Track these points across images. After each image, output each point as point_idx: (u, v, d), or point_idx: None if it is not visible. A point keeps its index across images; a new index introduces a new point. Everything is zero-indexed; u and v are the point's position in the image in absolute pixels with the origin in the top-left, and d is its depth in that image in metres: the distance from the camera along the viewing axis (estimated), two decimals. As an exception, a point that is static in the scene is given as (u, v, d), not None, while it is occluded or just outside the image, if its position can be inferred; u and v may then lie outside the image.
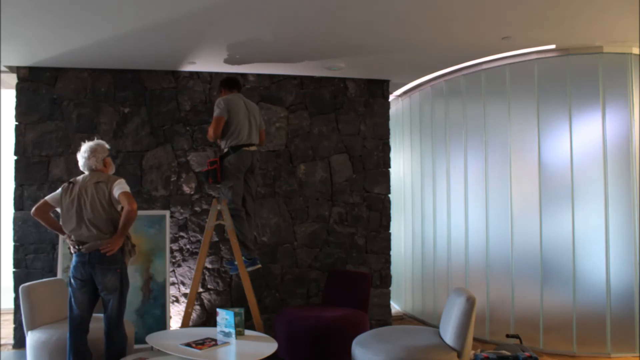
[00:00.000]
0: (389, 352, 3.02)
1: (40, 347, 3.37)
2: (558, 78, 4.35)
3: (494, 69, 4.66)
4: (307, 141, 5.02)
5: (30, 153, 4.54)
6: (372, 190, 5.15)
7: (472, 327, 3.04)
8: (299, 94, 5.03)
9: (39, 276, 4.37)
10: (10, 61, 4.39)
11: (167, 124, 4.76)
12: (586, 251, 4.21)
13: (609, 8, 3.38)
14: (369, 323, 4.14)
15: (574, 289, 4.21)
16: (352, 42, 4.00)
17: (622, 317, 4.12)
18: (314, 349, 3.81)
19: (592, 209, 4.20)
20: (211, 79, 4.85)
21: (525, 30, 3.81)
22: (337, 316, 3.90)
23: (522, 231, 4.46)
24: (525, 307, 4.42)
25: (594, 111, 4.27)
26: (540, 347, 4.31)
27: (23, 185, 4.52)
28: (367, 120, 5.16)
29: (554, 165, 4.36)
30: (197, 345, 3.20)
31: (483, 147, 4.75)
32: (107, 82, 4.69)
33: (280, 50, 4.22)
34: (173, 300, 4.70)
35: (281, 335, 3.96)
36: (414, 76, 5.24)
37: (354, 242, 5.08)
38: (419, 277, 5.58)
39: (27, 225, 4.50)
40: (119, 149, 4.67)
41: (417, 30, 3.75)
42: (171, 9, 3.28)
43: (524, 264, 4.44)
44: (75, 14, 3.34)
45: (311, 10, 3.32)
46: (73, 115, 4.62)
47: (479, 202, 4.75)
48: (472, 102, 4.87)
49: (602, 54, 4.23)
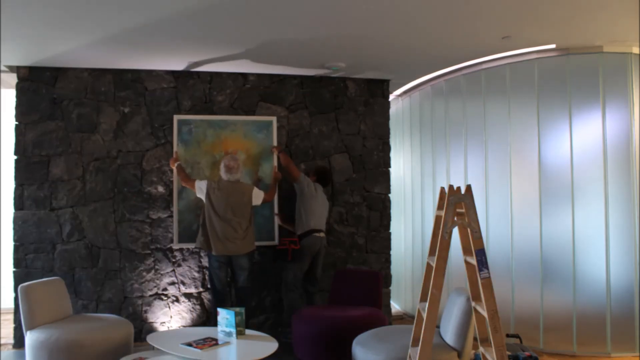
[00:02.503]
0: (389, 352, 3.02)
1: (39, 346, 3.37)
2: (558, 78, 4.35)
3: (494, 68, 4.66)
4: (307, 141, 5.02)
5: (30, 153, 4.54)
6: (372, 190, 5.15)
7: (472, 327, 3.04)
8: (299, 93, 5.03)
9: (39, 276, 4.37)
10: (10, 61, 4.39)
11: (167, 124, 4.76)
12: (586, 251, 4.21)
13: (609, 8, 3.38)
14: (387, 321, 4.14)
15: (574, 289, 4.21)
16: (352, 42, 4.00)
17: (622, 317, 4.12)
18: (336, 349, 3.73)
19: (592, 209, 4.20)
20: (211, 78, 4.85)
21: (525, 30, 3.81)
22: (359, 315, 3.86)
23: (522, 231, 4.46)
24: (525, 307, 4.42)
25: (594, 111, 4.27)
26: (540, 347, 4.31)
27: (23, 185, 4.52)
28: (367, 119, 5.16)
29: (554, 164, 4.36)
30: (197, 344, 3.20)
31: (483, 147, 4.75)
32: (107, 82, 4.69)
33: (280, 50, 4.22)
34: (173, 300, 4.71)
35: (300, 335, 3.91)
36: (414, 76, 5.24)
37: (354, 241, 5.08)
38: (419, 277, 5.58)
39: (27, 225, 4.50)
40: (119, 149, 4.67)
41: (417, 30, 3.75)
42: (171, 9, 3.27)
43: (524, 264, 4.44)
44: (75, 14, 3.34)
45: (311, 10, 3.32)
46: (73, 115, 4.62)
47: (479, 201, 4.74)
48: (472, 102, 4.87)
49: (602, 54, 4.23)
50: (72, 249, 4.56)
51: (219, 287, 4.38)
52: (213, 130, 4.74)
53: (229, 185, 4.34)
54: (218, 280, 4.36)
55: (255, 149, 4.80)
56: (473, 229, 2.45)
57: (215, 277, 4.36)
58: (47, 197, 4.54)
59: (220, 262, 4.30)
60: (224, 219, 4.25)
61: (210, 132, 4.74)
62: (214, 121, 4.75)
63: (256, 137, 4.81)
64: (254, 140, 4.80)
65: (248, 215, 4.35)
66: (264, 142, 4.82)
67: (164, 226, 4.69)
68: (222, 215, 4.25)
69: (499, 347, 2.28)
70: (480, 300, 2.42)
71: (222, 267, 4.34)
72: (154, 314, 4.67)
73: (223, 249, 4.24)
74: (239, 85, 4.90)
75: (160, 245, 4.69)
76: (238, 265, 4.35)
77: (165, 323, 4.69)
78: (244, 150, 4.75)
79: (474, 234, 2.45)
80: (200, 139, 4.72)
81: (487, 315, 2.34)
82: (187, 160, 4.66)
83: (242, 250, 4.30)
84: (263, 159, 4.81)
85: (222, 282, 4.38)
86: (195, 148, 4.70)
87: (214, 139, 4.72)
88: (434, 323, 2.53)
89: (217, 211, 4.25)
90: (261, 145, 4.81)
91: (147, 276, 4.66)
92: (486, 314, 2.34)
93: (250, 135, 4.79)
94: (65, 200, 4.56)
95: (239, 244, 4.27)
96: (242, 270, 4.37)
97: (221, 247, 4.24)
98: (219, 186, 4.31)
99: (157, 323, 4.67)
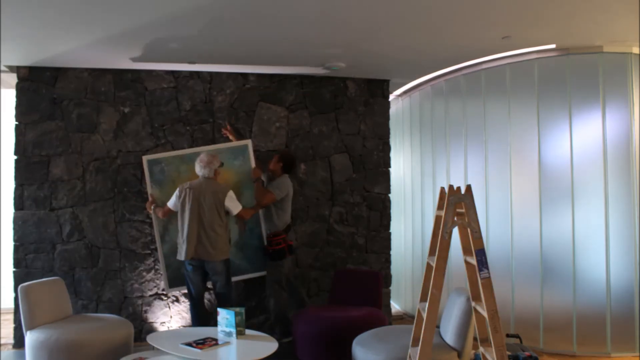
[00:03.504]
0: (389, 352, 3.02)
1: (39, 346, 3.38)
2: (558, 78, 4.35)
3: (494, 68, 4.66)
4: (307, 141, 5.02)
5: (30, 153, 4.54)
6: (372, 190, 5.15)
7: (472, 327, 3.04)
8: (299, 93, 5.03)
9: (39, 276, 4.37)
10: (10, 61, 4.39)
11: (167, 124, 4.76)
12: (586, 251, 4.21)
13: (609, 8, 3.38)
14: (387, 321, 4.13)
15: (574, 289, 4.21)
16: (352, 42, 4.00)
17: (622, 316, 4.12)
18: (336, 349, 3.72)
19: (592, 209, 4.20)
20: (211, 78, 4.85)
21: (525, 30, 3.81)
22: (359, 315, 3.86)
23: (522, 231, 4.46)
24: (525, 307, 4.42)
25: (594, 111, 4.27)
26: (540, 347, 4.31)
27: (23, 185, 4.52)
28: (367, 119, 5.16)
29: (554, 165, 4.36)
30: (197, 344, 3.20)
31: (483, 147, 4.75)
32: (107, 82, 4.69)
33: (281, 50, 4.22)
34: (173, 300, 4.71)
35: (301, 336, 3.91)
36: (414, 76, 5.24)
37: (354, 241, 5.08)
38: (419, 277, 5.58)
39: (27, 225, 4.50)
40: (119, 149, 4.67)
41: (417, 30, 3.75)
42: (171, 8, 3.27)
43: (524, 264, 4.44)
44: (75, 14, 3.34)
45: (311, 10, 3.32)
46: (73, 115, 4.62)
47: (479, 201, 4.74)
48: (472, 102, 4.87)
49: (602, 54, 4.23)
50: (72, 249, 4.56)
51: (193, 292, 4.18)
52: (186, 165, 4.40)
53: (202, 182, 4.11)
54: (192, 285, 4.16)
55: (234, 177, 4.49)
56: (473, 229, 2.46)
57: (189, 282, 4.16)
58: (47, 197, 4.54)
59: (194, 266, 4.09)
60: (193, 219, 4.02)
61: (184, 167, 4.41)
62: (186, 155, 4.44)
63: (233, 164, 4.48)
64: (231, 168, 4.46)
65: (221, 218, 4.09)
66: (242, 168, 4.50)
67: (164, 226, 4.69)
68: (192, 214, 4.02)
69: (499, 347, 2.29)
70: (480, 300, 2.43)
71: (196, 270, 4.11)
72: (154, 314, 4.67)
73: (192, 252, 4.03)
74: (239, 85, 4.90)
75: (160, 245, 4.68)
76: (212, 270, 4.11)
77: (165, 323, 4.69)
78: (223, 181, 4.31)
79: (474, 234, 2.45)
80: (174, 177, 4.40)
81: (487, 315, 2.34)
82: (165, 202, 4.27)
83: (212, 257, 4.06)
84: (244, 187, 4.49)
85: (197, 287, 4.18)
86: (170, 187, 4.33)
87: (189, 174, 4.33)
88: (434, 323, 2.54)
89: (188, 210, 4.03)
90: (240, 173, 4.50)
91: (147, 276, 4.66)
92: (486, 314, 2.34)
93: (227, 163, 4.38)
94: (65, 200, 4.56)
95: (209, 248, 4.03)
96: (217, 275, 4.13)
97: (191, 250, 4.02)
98: (190, 185, 4.10)
99: (157, 323, 4.67)
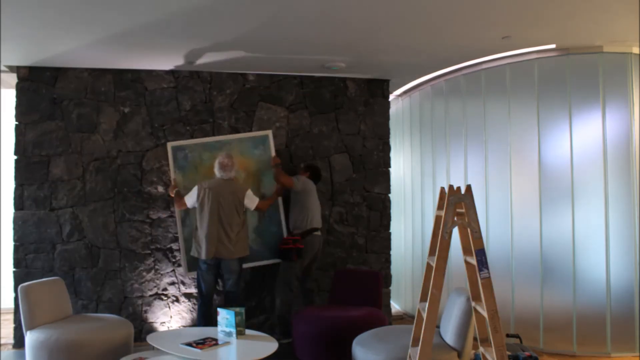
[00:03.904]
0: (389, 352, 3.02)
1: (39, 346, 3.37)
2: (558, 78, 4.35)
3: (494, 68, 4.66)
4: (307, 141, 5.02)
5: (30, 153, 4.54)
6: (372, 190, 5.15)
7: (472, 327, 3.04)
8: (299, 93, 5.03)
9: (39, 276, 4.37)
10: (10, 61, 4.39)
11: (167, 124, 4.76)
12: (586, 251, 4.21)
13: (609, 8, 3.38)
14: (387, 321, 4.13)
15: (574, 289, 4.21)
16: (352, 42, 4.00)
17: (622, 317, 4.12)
18: (336, 349, 3.72)
19: (592, 209, 4.20)
20: (211, 78, 4.85)
21: (525, 30, 3.81)
22: (359, 315, 3.86)
23: (522, 231, 4.46)
24: (525, 307, 4.42)
25: (594, 111, 4.27)
26: (540, 347, 4.31)
27: (23, 185, 4.52)
28: (367, 119, 5.16)
29: (554, 165, 4.36)
30: (197, 344, 3.20)
31: (483, 147, 4.75)
32: (107, 82, 4.69)
33: (281, 51, 4.22)
34: (173, 300, 4.71)
35: (301, 336, 3.91)
36: (414, 76, 5.24)
37: (354, 241, 5.08)
38: (419, 277, 5.58)
39: (27, 225, 4.50)
40: (119, 149, 4.67)
41: (417, 30, 3.75)
42: (171, 8, 3.27)
43: (524, 264, 4.44)
44: (75, 14, 3.34)
45: (312, 10, 3.32)
46: (73, 115, 4.62)
47: (479, 201, 4.74)
48: (472, 102, 4.87)
49: (602, 54, 4.23)
50: (72, 249, 4.56)
51: (205, 290, 4.25)
52: (209, 152, 4.56)
53: (220, 183, 4.22)
54: (205, 284, 4.24)
55: (254, 165, 4.66)
56: (473, 229, 2.46)
57: (202, 280, 4.24)
58: (47, 197, 4.54)
59: (209, 265, 4.18)
60: (213, 219, 4.12)
61: (207, 154, 4.57)
62: (209, 143, 4.61)
63: (253, 153, 4.67)
64: (251, 157, 4.66)
65: (240, 217, 4.21)
66: (262, 157, 4.68)
67: (164, 226, 4.69)
68: (212, 215, 4.12)
69: (499, 347, 2.29)
70: (480, 300, 2.43)
71: (211, 269, 4.21)
72: (154, 314, 4.67)
73: (213, 252, 4.12)
74: (239, 85, 4.90)
75: (160, 245, 4.69)
76: (227, 269, 4.21)
77: (165, 323, 4.69)
78: (242, 169, 4.58)
79: (474, 234, 2.45)
80: (197, 163, 4.57)
81: (487, 315, 2.34)
82: (187, 187, 4.44)
83: (233, 255, 4.17)
84: (263, 174, 4.68)
85: (209, 286, 4.26)
86: (192, 173, 4.55)
87: (211, 161, 4.46)
88: (434, 323, 2.54)
89: (208, 210, 4.14)
90: (259, 161, 4.67)
91: (147, 276, 4.66)
92: (486, 314, 2.34)
93: (247, 152, 4.63)
94: (65, 200, 4.56)
95: (230, 247, 4.15)
96: (230, 274, 4.23)
97: (212, 250, 4.12)
98: (209, 185, 4.20)
99: (157, 323, 4.67)
